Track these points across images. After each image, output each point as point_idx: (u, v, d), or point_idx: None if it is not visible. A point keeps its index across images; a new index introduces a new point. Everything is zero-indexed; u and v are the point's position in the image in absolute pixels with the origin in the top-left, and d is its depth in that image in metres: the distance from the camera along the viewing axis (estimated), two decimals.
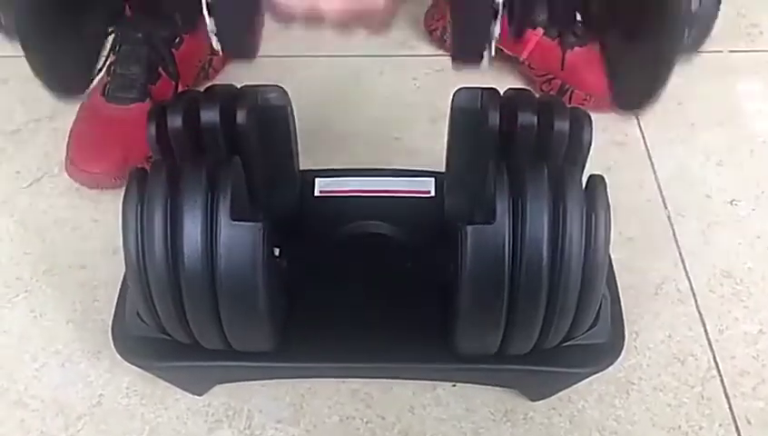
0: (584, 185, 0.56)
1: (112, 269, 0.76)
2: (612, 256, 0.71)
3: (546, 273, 0.54)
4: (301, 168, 0.75)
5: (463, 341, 0.61)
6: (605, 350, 0.65)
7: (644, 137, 0.93)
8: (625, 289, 0.70)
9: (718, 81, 1.00)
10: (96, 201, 0.85)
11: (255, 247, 0.54)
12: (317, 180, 0.76)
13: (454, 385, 0.71)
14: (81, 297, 0.77)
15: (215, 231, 0.54)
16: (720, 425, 0.69)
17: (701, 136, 0.93)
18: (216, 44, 0.51)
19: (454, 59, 0.55)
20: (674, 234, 0.83)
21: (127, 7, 0.86)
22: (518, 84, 0.98)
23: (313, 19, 0.50)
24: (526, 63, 0.96)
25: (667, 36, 0.48)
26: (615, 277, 0.69)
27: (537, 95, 0.64)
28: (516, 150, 0.63)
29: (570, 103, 0.93)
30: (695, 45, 0.53)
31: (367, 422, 0.70)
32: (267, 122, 0.66)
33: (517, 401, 0.70)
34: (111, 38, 0.90)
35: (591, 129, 0.61)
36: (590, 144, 0.62)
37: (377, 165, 0.81)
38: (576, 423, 0.69)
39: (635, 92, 0.53)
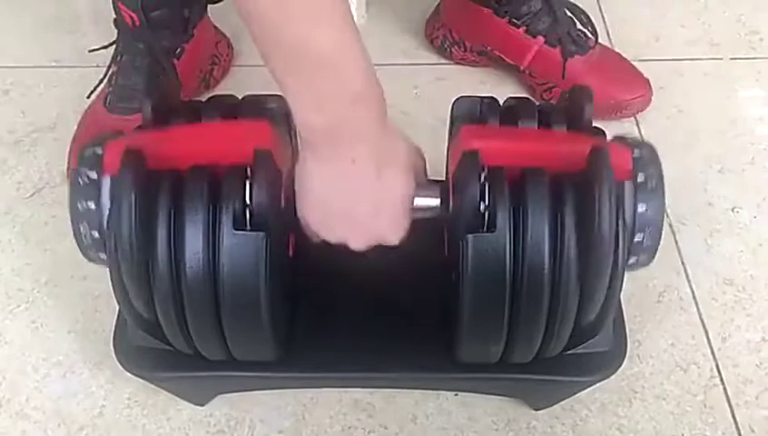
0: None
1: None
2: None
3: (547, 281, 0.54)
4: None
5: (465, 350, 0.61)
6: (608, 358, 0.64)
7: None
8: (628, 297, 0.70)
9: (719, 88, 1.00)
10: None
11: (258, 256, 0.54)
12: None
13: (456, 394, 0.71)
14: (82, 308, 0.77)
15: (217, 240, 0.54)
16: (723, 434, 0.69)
17: (702, 144, 0.93)
18: None
19: None
20: (676, 242, 0.83)
21: (129, 18, 0.87)
22: (519, 93, 0.98)
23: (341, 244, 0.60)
24: (527, 71, 0.96)
25: None
26: None
27: (538, 103, 0.64)
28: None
29: None
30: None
31: (369, 432, 0.69)
32: None
33: (520, 410, 0.70)
34: (113, 49, 0.90)
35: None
36: None
37: None
38: (579, 432, 0.69)
39: None
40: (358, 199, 0.57)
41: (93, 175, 0.56)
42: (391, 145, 0.58)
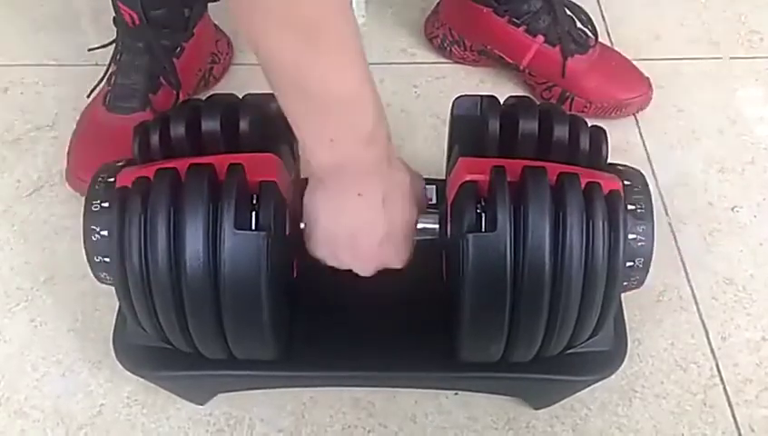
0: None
1: None
2: None
3: (547, 281, 0.54)
4: (303, 176, 0.75)
5: (465, 349, 0.61)
6: (608, 357, 0.64)
7: (644, 144, 0.93)
8: (628, 296, 0.69)
9: (719, 87, 1.00)
10: None
11: (259, 256, 0.54)
12: None
13: (456, 393, 0.71)
14: (82, 306, 0.77)
15: (218, 240, 0.54)
16: (723, 433, 0.69)
17: (701, 143, 0.93)
18: None
19: None
20: (676, 242, 0.83)
21: (129, 16, 0.87)
22: (519, 92, 0.98)
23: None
24: (527, 70, 0.96)
25: None
26: None
27: (538, 103, 0.64)
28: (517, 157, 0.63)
29: (570, 110, 0.93)
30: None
31: (369, 431, 0.69)
32: (269, 130, 0.66)
33: (520, 409, 0.70)
34: (112, 47, 0.90)
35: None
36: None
37: None
38: (579, 432, 0.69)
39: None
40: (363, 232, 0.59)
41: (106, 204, 0.58)
42: (396, 178, 0.59)
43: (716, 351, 0.74)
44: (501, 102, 0.64)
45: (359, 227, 0.58)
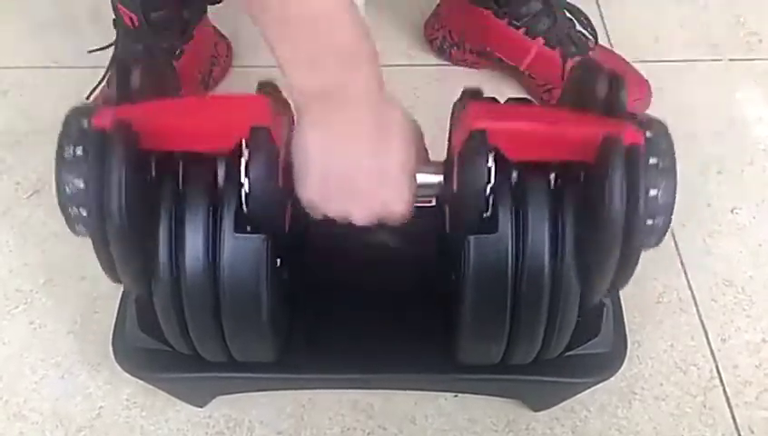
0: None
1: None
2: None
3: (547, 283, 0.54)
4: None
5: (465, 351, 0.61)
6: (608, 359, 0.64)
7: None
8: (627, 298, 0.69)
9: (718, 89, 1.00)
10: None
11: (259, 259, 0.54)
12: None
13: (456, 395, 0.71)
14: (81, 308, 0.77)
15: (218, 243, 0.53)
16: (723, 435, 0.69)
17: (701, 145, 0.93)
18: None
19: None
20: (676, 243, 0.83)
21: (129, 19, 0.87)
22: (518, 94, 0.98)
23: (343, 220, 0.58)
24: (527, 72, 0.96)
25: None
26: None
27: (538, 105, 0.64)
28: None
29: None
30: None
31: (368, 433, 0.69)
32: None
33: (520, 411, 0.70)
34: (112, 49, 0.90)
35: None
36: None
37: None
38: (579, 434, 0.69)
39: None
40: (358, 165, 0.54)
41: (80, 152, 0.54)
42: (390, 112, 0.56)
43: (716, 353, 0.74)
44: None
45: (352, 160, 0.54)
